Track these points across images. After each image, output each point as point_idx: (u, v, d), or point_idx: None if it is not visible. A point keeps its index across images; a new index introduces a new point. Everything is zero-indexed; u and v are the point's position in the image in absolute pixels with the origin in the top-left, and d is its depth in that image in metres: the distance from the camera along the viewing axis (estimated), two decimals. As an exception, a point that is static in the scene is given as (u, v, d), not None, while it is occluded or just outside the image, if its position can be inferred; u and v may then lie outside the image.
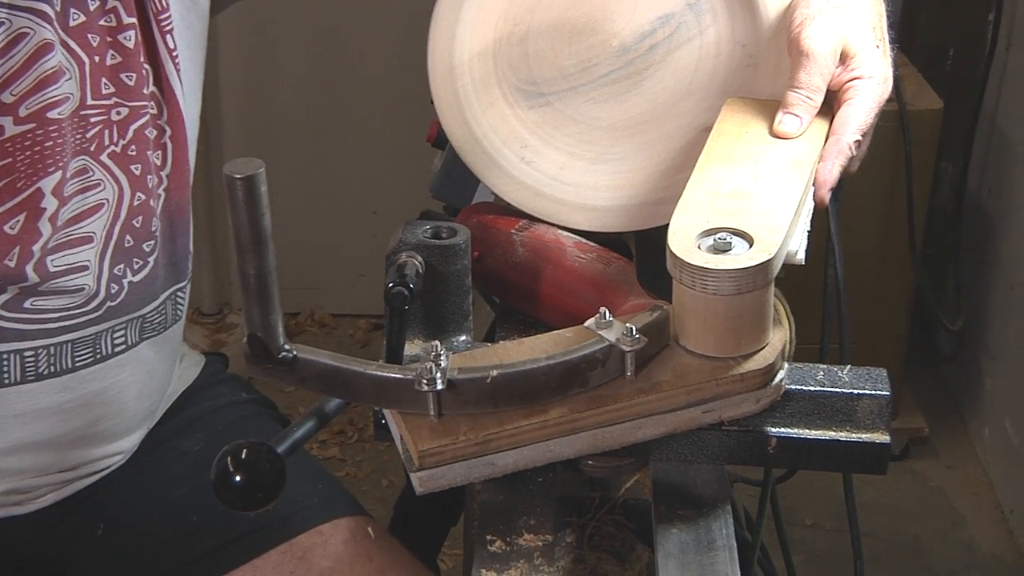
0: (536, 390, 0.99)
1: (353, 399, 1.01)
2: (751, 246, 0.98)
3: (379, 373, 0.99)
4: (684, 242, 0.98)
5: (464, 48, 1.23)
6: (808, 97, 1.13)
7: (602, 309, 1.01)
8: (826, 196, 1.10)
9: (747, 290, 0.97)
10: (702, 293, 0.97)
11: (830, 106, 1.15)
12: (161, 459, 1.41)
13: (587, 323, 1.02)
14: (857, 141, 1.12)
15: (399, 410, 1.00)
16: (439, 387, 0.96)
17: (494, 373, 0.97)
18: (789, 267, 1.02)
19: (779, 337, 1.03)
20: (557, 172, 1.26)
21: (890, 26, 1.19)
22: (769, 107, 1.16)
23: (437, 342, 0.99)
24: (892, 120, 2.43)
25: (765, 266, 0.96)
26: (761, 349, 1.01)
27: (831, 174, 1.10)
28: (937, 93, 2.58)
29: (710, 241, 0.98)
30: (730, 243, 0.98)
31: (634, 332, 0.99)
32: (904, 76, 2.50)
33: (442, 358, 0.98)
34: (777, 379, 1.02)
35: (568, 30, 1.23)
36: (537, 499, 1.08)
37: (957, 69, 2.84)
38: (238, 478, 1.00)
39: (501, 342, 1.12)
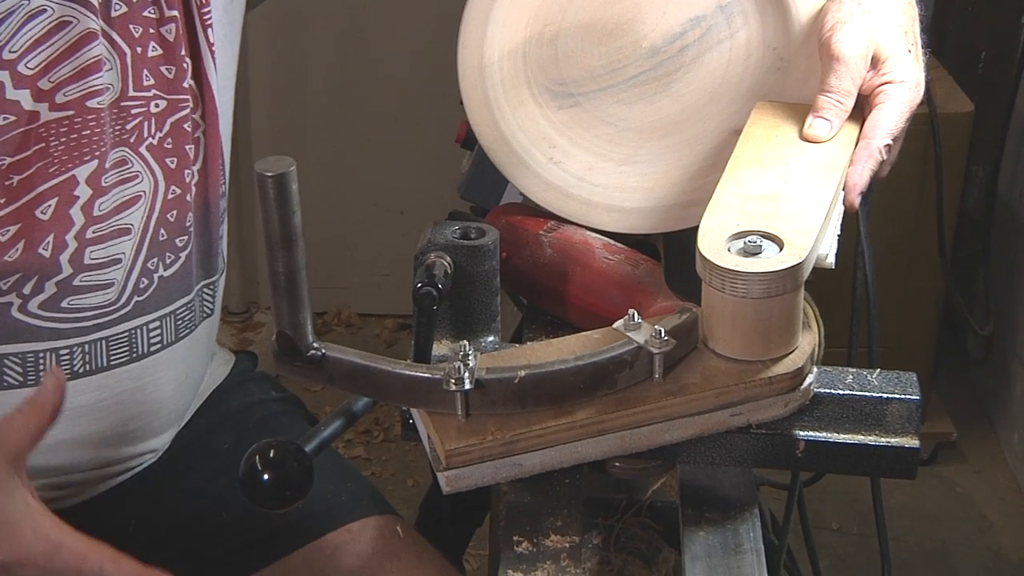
0: (564, 391, 0.99)
1: (381, 398, 1.01)
2: (781, 249, 0.98)
3: (407, 372, 0.99)
4: (714, 245, 0.98)
5: (494, 48, 1.23)
6: (839, 101, 1.12)
7: (631, 311, 1.02)
8: (856, 200, 1.10)
9: (777, 293, 0.97)
10: (731, 296, 0.97)
11: (861, 110, 1.14)
12: (191, 457, 1.42)
13: (616, 324, 1.02)
14: (888, 145, 1.12)
15: (427, 409, 1.00)
16: (467, 387, 0.97)
17: (522, 373, 0.98)
18: (818, 270, 1.02)
19: (808, 341, 1.03)
20: (585, 173, 1.26)
21: (922, 30, 1.18)
22: (799, 111, 1.16)
23: (465, 342, 0.99)
24: (922, 123, 2.42)
25: (795, 269, 0.96)
26: (790, 353, 1.01)
27: (861, 178, 1.10)
28: (968, 96, 2.57)
29: (740, 244, 0.98)
30: (760, 246, 0.98)
31: (663, 334, 0.99)
32: (935, 79, 2.49)
33: (470, 358, 0.98)
34: (806, 383, 1.02)
35: (598, 31, 1.23)
36: (564, 500, 1.08)
37: (988, 72, 2.83)
38: (266, 477, 1.01)
39: (529, 343, 1.13)
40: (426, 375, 0.99)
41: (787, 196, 1.05)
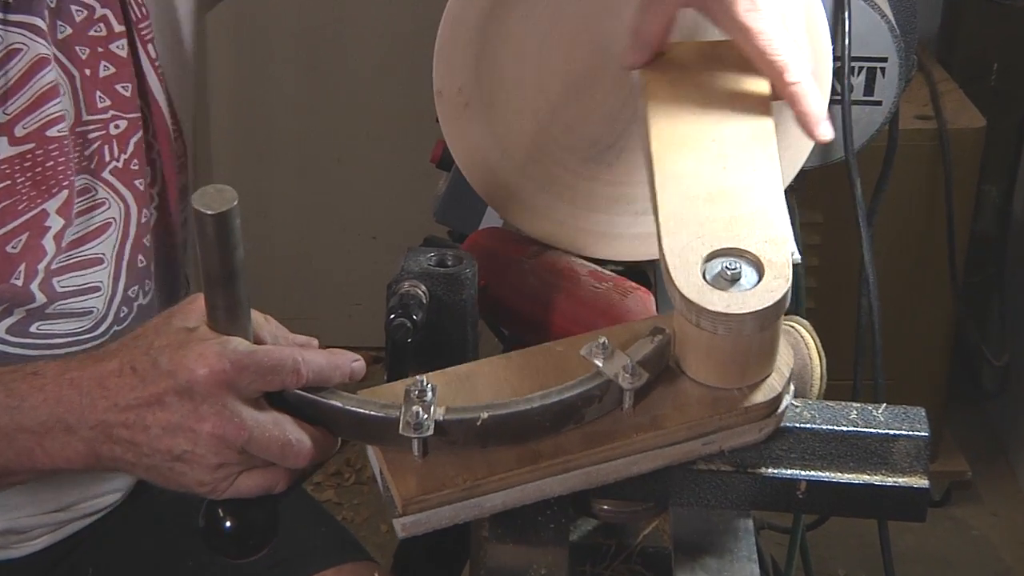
0: (529, 430, 0.99)
1: (334, 433, 1.02)
2: (759, 271, 0.97)
3: (359, 410, 0.99)
4: (691, 279, 0.97)
5: (508, 169, 1.26)
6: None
7: (602, 339, 1.01)
8: (823, 133, 1.06)
9: (767, 326, 0.97)
10: (709, 332, 0.97)
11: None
12: (154, 500, 1.42)
13: (583, 351, 1.01)
14: (776, 61, 1.06)
15: (381, 447, 1.00)
16: (426, 433, 0.96)
17: (484, 415, 0.97)
18: (819, 299, 1.03)
19: (785, 362, 1.02)
20: None
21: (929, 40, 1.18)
22: (689, 51, 1.13)
23: (423, 377, 0.99)
24: (931, 139, 2.43)
25: (783, 299, 0.96)
26: (766, 377, 1.01)
27: (813, 107, 1.05)
28: (979, 110, 2.58)
29: (716, 268, 0.98)
30: (739, 271, 0.97)
31: (635, 368, 0.99)
32: (944, 92, 2.50)
33: (428, 393, 0.98)
34: (782, 407, 1.02)
35: (584, 81, 1.24)
36: (549, 546, 1.08)
37: (1001, 84, 2.85)
38: (228, 524, 1.01)
39: (487, 359, 1.12)
40: (379, 415, 0.98)
41: (737, 190, 1.03)
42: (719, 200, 1.02)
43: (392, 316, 1.11)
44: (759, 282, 0.97)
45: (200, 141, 3.02)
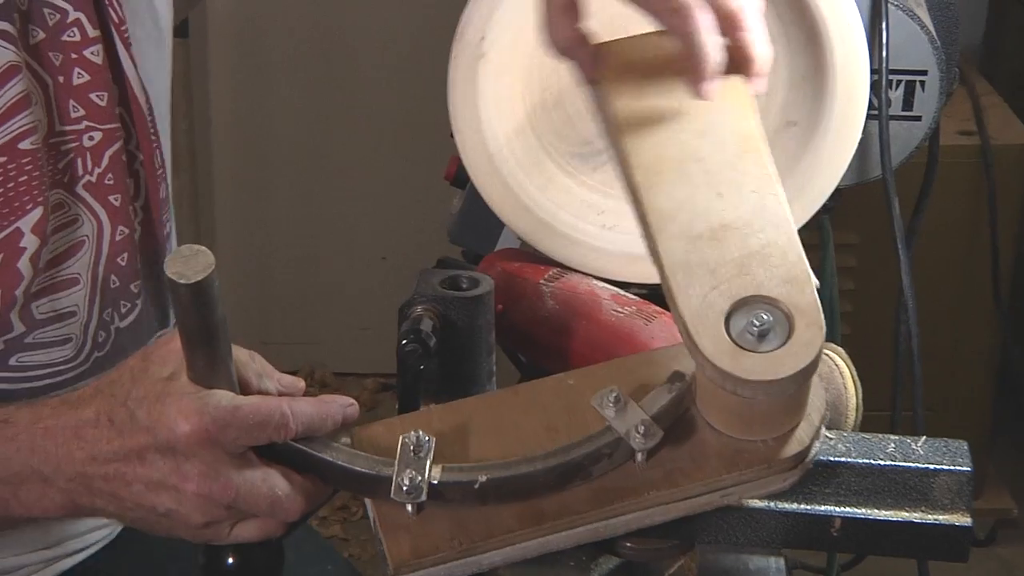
0: (531, 490, 0.99)
1: (327, 483, 1.03)
2: (788, 319, 0.94)
3: (350, 466, 1.00)
4: (721, 345, 0.93)
5: (497, 133, 1.26)
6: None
7: (614, 392, 1.00)
8: (702, 89, 1.03)
9: (805, 380, 0.95)
10: (738, 397, 0.95)
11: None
12: (147, 537, 1.42)
13: (593, 401, 1.00)
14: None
15: (374, 500, 1.00)
16: (421, 498, 0.97)
17: (483, 478, 0.97)
18: (855, 325, 1.02)
19: (816, 408, 1.00)
20: None
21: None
22: (644, 48, 1.09)
23: (419, 433, 0.99)
24: (974, 156, 2.43)
25: (822, 348, 0.93)
26: (794, 427, 0.99)
27: (702, 58, 1.01)
28: (1025, 125, 2.59)
29: (741, 325, 0.95)
30: (767, 325, 0.94)
31: (649, 427, 0.98)
32: (987, 106, 2.50)
33: (423, 449, 0.98)
34: (810, 457, 1.01)
35: None
36: (569, 586, 1.08)
37: (1048, 97, 2.85)
38: (230, 560, 1.02)
39: (493, 393, 1.11)
40: (371, 472, 0.99)
41: (738, 222, 0.99)
42: (723, 238, 0.98)
43: (404, 342, 1.11)
44: (790, 334, 0.94)
45: (201, 156, 3.04)
